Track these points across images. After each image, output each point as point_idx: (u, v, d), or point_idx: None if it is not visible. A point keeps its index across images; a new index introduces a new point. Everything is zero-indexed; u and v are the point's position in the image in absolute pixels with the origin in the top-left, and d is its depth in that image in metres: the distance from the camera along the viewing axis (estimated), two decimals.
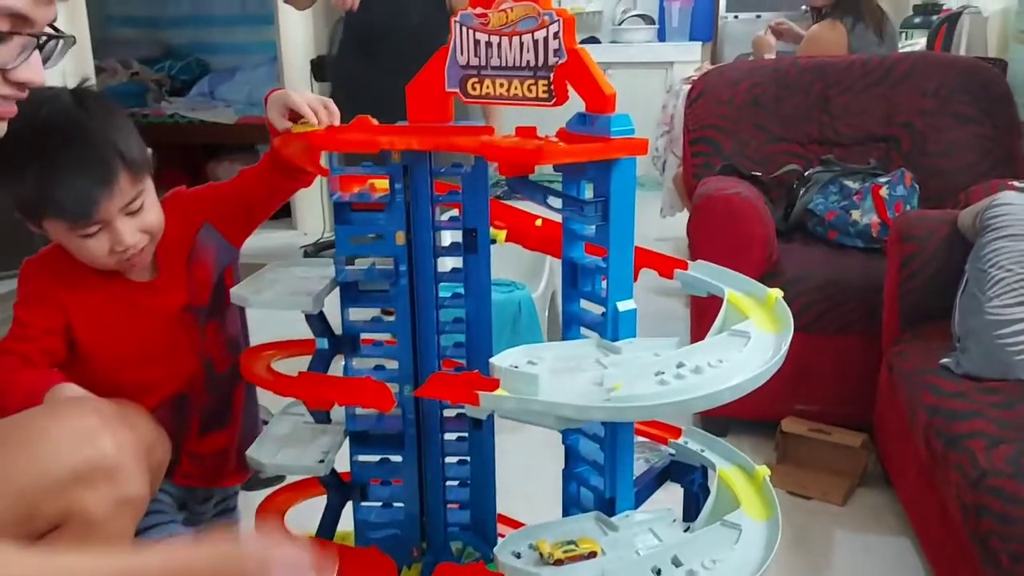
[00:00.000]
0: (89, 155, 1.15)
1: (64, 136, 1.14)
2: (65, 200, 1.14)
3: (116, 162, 1.16)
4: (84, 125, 1.16)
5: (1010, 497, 1.13)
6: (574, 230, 1.11)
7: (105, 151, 1.15)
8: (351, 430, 1.27)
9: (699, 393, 0.90)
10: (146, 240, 1.24)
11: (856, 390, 1.96)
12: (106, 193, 1.15)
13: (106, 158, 1.15)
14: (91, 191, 1.14)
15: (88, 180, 1.14)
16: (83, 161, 1.14)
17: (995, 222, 1.52)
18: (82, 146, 1.15)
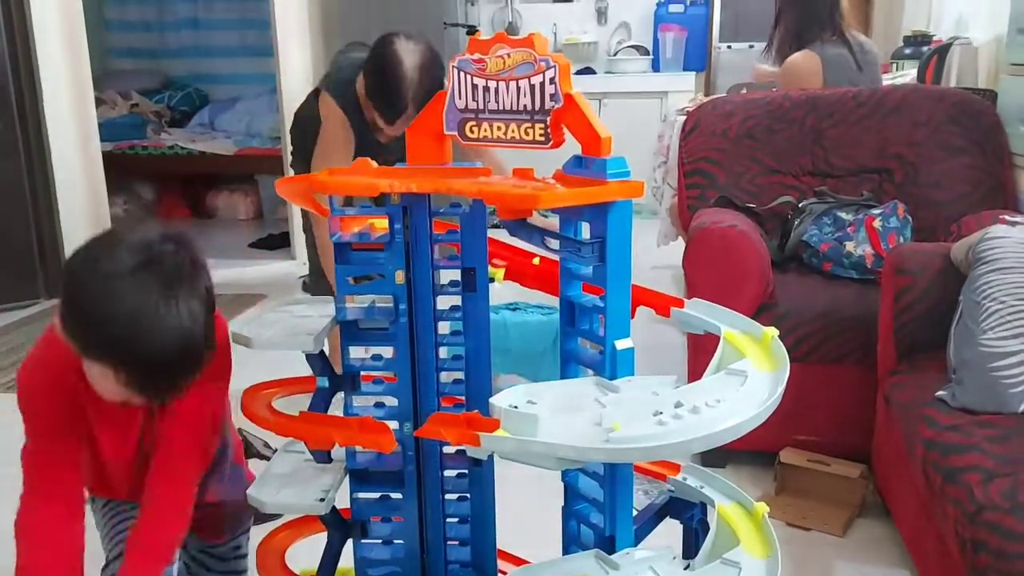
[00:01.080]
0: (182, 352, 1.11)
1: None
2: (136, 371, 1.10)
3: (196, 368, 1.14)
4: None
5: (1007, 532, 1.14)
6: (571, 270, 1.12)
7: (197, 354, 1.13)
8: (351, 467, 1.27)
9: (698, 434, 0.91)
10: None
11: (853, 420, 1.97)
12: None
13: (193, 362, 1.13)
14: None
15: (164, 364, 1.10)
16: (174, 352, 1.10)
17: (988, 255, 1.53)
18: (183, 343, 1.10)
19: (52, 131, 3.63)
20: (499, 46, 1.06)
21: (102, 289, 1.06)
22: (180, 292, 1.09)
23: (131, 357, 1.08)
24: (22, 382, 1.26)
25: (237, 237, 4.87)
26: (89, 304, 1.07)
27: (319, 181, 1.10)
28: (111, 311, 1.05)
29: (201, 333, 1.11)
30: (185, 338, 1.09)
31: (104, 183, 3.88)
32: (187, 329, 1.09)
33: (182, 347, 1.09)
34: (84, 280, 1.08)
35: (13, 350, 3.05)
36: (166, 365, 1.09)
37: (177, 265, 1.11)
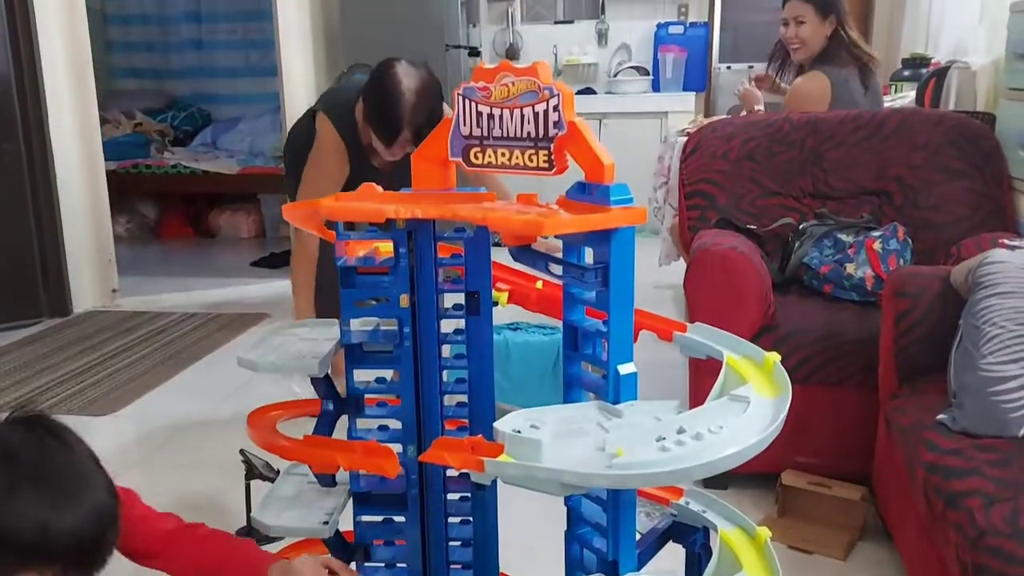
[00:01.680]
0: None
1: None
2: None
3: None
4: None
5: (1008, 557, 1.14)
6: (574, 294, 1.13)
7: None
8: (355, 491, 1.28)
9: (700, 461, 0.92)
10: None
11: (855, 443, 1.98)
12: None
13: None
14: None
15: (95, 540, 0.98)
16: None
17: (987, 280, 1.54)
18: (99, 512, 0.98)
19: (57, 150, 3.65)
20: (504, 74, 1.07)
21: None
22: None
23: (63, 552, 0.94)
24: None
25: (239, 256, 4.89)
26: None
27: (326, 206, 1.11)
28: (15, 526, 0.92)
29: (106, 493, 1.00)
30: (99, 507, 0.97)
31: (107, 202, 3.90)
32: (98, 500, 0.98)
33: (100, 517, 0.97)
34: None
35: (16, 369, 3.06)
36: (97, 539, 0.97)
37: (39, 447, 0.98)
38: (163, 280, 4.30)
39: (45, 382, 2.91)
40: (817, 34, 2.78)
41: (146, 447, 2.50)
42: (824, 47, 2.79)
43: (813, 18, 2.77)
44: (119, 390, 2.83)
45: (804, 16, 2.78)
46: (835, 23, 2.77)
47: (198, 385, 2.90)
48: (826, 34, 2.77)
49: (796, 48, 2.84)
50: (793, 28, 2.81)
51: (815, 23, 2.77)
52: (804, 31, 2.79)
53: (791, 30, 2.82)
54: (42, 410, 1.02)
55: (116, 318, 3.67)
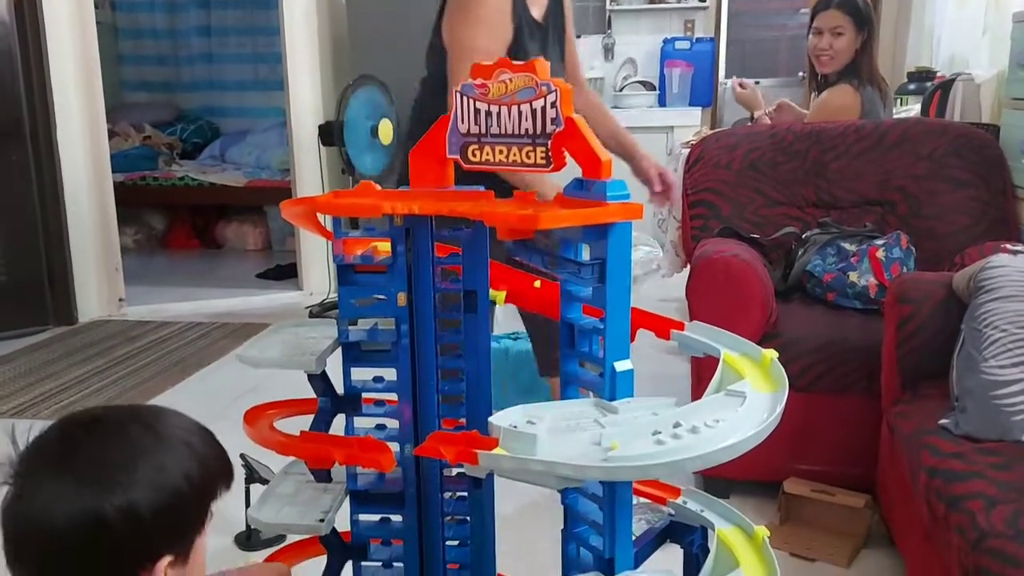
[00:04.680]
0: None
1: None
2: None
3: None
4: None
5: (1009, 559, 1.13)
6: (571, 292, 1.13)
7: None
8: (352, 489, 1.28)
9: (695, 453, 0.91)
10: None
11: (858, 450, 1.97)
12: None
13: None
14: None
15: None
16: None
17: (988, 284, 1.54)
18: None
19: (64, 161, 3.69)
20: (501, 71, 1.08)
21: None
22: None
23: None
24: None
25: (245, 267, 4.91)
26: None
27: (324, 203, 1.12)
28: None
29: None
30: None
31: (114, 213, 3.92)
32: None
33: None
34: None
35: (21, 375, 3.08)
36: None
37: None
38: (169, 290, 4.31)
39: (49, 388, 2.92)
40: (850, 47, 2.66)
41: None
42: (851, 60, 2.68)
43: (851, 30, 2.65)
44: (123, 396, 2.83)
45: (843, 28, 2.64)
46: (865, 36, 2.66)
47: (202, 391, 2.90)
48: (856, 47, 2.66)
49: (826, 60, 2.69)
50: (828, 39, 2.66)
51: (851, 35, 2.65)
52: (840, 43, 2.65)
53: (824, 40, 2.67)
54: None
55: (122, 327, 3.68)
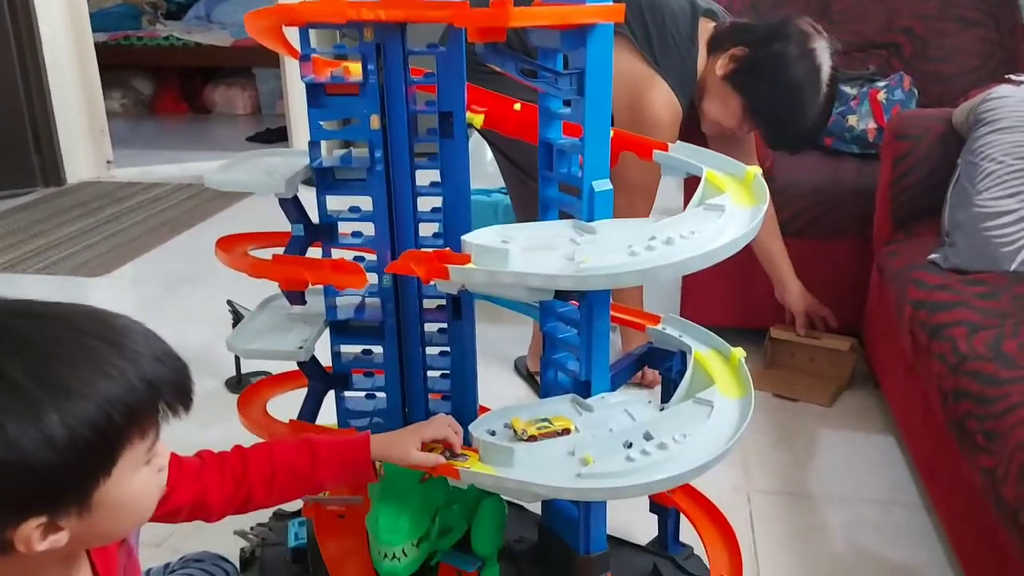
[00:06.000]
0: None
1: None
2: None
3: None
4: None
5: (988, 379, 1.13)
6: (550, 108, 1.08)
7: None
8: (331, 320, 1.27)
9: (669, 261, 0.89)
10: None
11: (848, 295, 1.96)
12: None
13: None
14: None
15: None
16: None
17: (988, 115, 1.48)
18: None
19: (41, 17, 3.54)
20: None
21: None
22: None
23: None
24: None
25: (235, 131, 4.81)
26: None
27: (286, 10, 1.05)
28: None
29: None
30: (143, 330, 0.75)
31: (97, 70, 3.80)
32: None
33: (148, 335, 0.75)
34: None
35: (9, 233, 3.06)
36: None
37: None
38: (158, 153, 4.24)
39: (39, 245, 2.90)
40: None
41: (139, 305, 2.51)
42: None
43: None
44: (112, 253, 2.82)
45: None
46: None
47: (191, 249, 2.89)
48: None
49: None
50: None
51: None
52: None
53: None
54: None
55: (110, 188, 3.64)
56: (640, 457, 0.97)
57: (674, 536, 1.30)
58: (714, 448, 0.98)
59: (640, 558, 1.28)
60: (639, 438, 1.00)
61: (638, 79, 1.65)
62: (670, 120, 1.66)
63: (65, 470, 0.64)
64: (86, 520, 0.68)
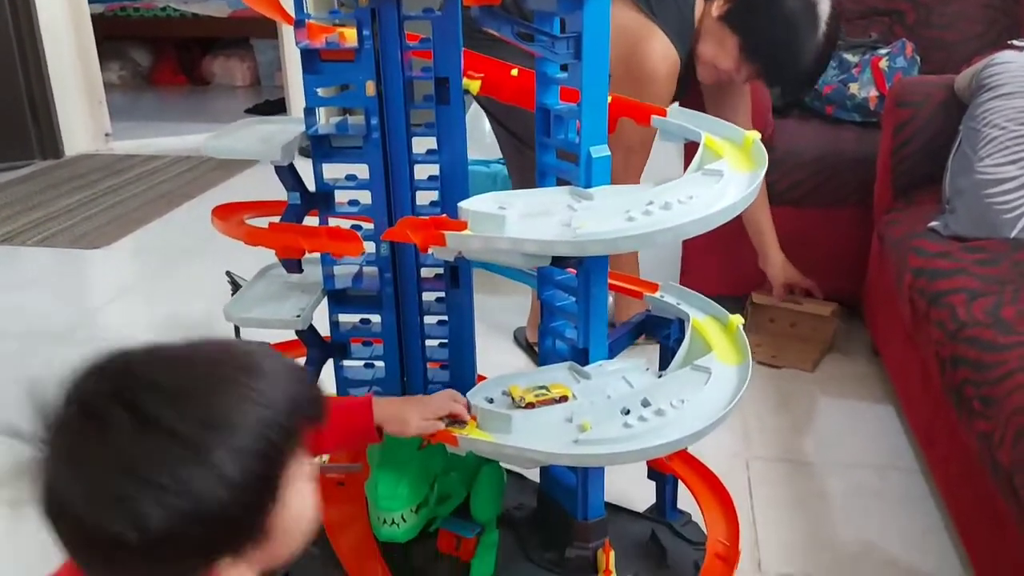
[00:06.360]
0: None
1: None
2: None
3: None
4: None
5: (986, 345, 1.13)
6: (547, 73, 1.07)
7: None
8: (329, 289, 1.26)
9: (666, 225, 0.89)
10: None
11: (848, 264, 1.95)
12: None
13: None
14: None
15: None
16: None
17: (991, 81, 1.47)
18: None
19: None
20: None
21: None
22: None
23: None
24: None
25: (234, 103, 4.78)
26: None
27: None
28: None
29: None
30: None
31: (94, 43, 3.77)
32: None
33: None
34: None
35: (7, 205, 3.05)
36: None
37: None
38: (156, 125, 4.21)
39: (37, 217, 2.90)
40: None
41: (139, 276, 2.51)
42: None
43: None
44: (111, 225, 2.81)
45: None
46: None
47: (191, 221, 2.88)
48: None
49: None
50: None
51: None
52: None
53: None
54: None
55: (108, 160, 3.62)
56: (637, 423, 0.98)
57: (672, 503, 1.31)
58: (711, 414, 0.99)
59: (638, 525, 1.29)
60: (637, 405, 1.00)
61: (635, 31, 1.63)
62: (667, 73, 1.65)
63: (240, 505, 0.63)
64: (265, 549, 0.67)
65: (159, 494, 0.59)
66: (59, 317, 2.17)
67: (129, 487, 0.59)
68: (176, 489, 0.60)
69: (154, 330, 1.88)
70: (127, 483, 0.59)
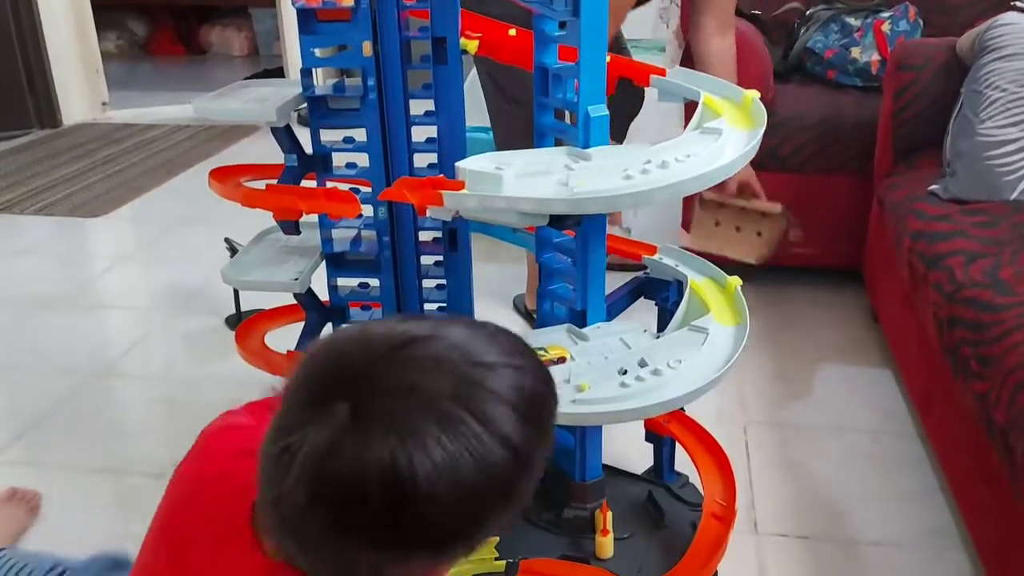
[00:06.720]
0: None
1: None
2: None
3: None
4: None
5: (984, 305, 1.13)
6: (545, 31, 1.06)
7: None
8: (327, 253, 1.26)
9: (664, 183, 0.88)
10: None
11: (848, 231, 1.95)
12: None
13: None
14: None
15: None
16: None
17: (994, 43, 1.45)
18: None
19: None
20: None
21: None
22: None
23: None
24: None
25: (232, 72, 4.73)
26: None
27: None
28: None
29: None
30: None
31: (90, 10, 3.74)
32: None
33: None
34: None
35: (6, 175, 3.04)
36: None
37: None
38: (154, 94, 4.19)
39: (36, 186, 2.89)
40: None
41: (139, 245, 2.51)
42: None
43: None
44: (111, 193, 2.81)
45: None
46: None
47: (190, 190, 2.88)
48: None
49: None
50: None
51: None
52: None
53: None
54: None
55: (107, 129, 3.60)
56: (634, 383, 0.98)
57: (669, 465, 1.32)
58: (708, 374, 0.99)
59: (636, 486, 1.29)
60: (634, 365, 1.00)
61: None
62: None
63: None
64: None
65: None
66: (59, 285, 2.17)
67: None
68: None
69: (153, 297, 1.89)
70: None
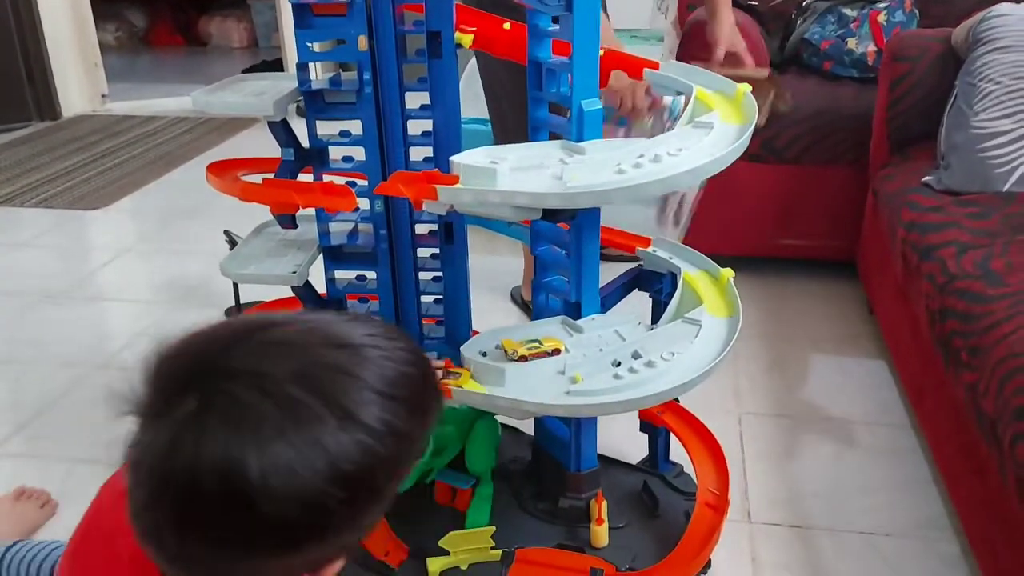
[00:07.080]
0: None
1: None
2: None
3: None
4: None
5: (974, 297, 1.14)
6: (539, 26, 1.07)
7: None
8: (324, 246, 1.27)
9: (656, 177, 0.89)
10: None
11: (843, 223, 1.96)
12: None
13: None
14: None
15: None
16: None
17: (988, 35, 1.46)
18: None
19: None
20: None
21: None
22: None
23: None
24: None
25: (231, 64, 4.74)
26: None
27: None
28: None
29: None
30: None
31: (89, 2, 3.74)
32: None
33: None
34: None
35: (5, 168, 3.05)
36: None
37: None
38: (153, 87, 4.19)
39: (36, 179, 2.90)
40: None
41: (139, 237, 2.52)
42: None
43: None
44: (110, 186, 2.82)
45: None
46: None
47: (189, 182, 2.88)
48: None
49: None
50: None
51: None
52: None
53: None
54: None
55: (106, 121, 3.61)
56: (628, 375, 0.99)
57: (664, 455, 1.33)
58: (701, 365, 1.00)
59: (631, 476, 1.31)
60: (628, 357, 1.01)
61: None
62: None
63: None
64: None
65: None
66: (59, 278, 2.18)
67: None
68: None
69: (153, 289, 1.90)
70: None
